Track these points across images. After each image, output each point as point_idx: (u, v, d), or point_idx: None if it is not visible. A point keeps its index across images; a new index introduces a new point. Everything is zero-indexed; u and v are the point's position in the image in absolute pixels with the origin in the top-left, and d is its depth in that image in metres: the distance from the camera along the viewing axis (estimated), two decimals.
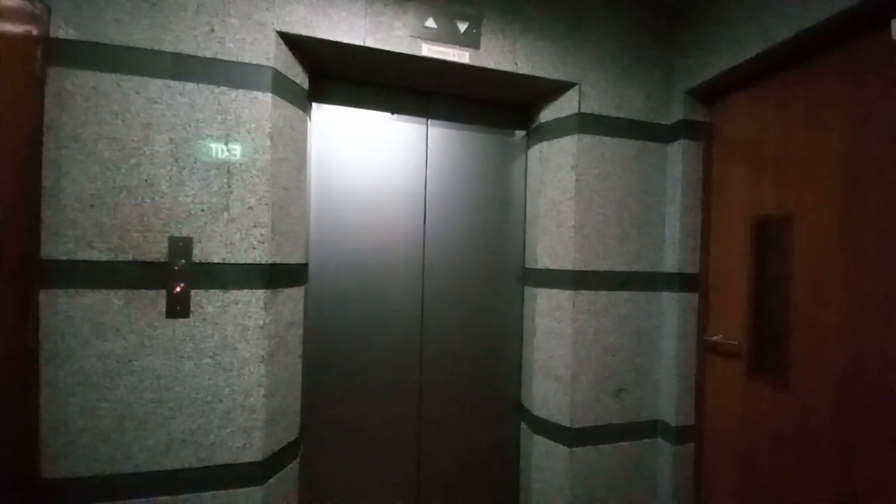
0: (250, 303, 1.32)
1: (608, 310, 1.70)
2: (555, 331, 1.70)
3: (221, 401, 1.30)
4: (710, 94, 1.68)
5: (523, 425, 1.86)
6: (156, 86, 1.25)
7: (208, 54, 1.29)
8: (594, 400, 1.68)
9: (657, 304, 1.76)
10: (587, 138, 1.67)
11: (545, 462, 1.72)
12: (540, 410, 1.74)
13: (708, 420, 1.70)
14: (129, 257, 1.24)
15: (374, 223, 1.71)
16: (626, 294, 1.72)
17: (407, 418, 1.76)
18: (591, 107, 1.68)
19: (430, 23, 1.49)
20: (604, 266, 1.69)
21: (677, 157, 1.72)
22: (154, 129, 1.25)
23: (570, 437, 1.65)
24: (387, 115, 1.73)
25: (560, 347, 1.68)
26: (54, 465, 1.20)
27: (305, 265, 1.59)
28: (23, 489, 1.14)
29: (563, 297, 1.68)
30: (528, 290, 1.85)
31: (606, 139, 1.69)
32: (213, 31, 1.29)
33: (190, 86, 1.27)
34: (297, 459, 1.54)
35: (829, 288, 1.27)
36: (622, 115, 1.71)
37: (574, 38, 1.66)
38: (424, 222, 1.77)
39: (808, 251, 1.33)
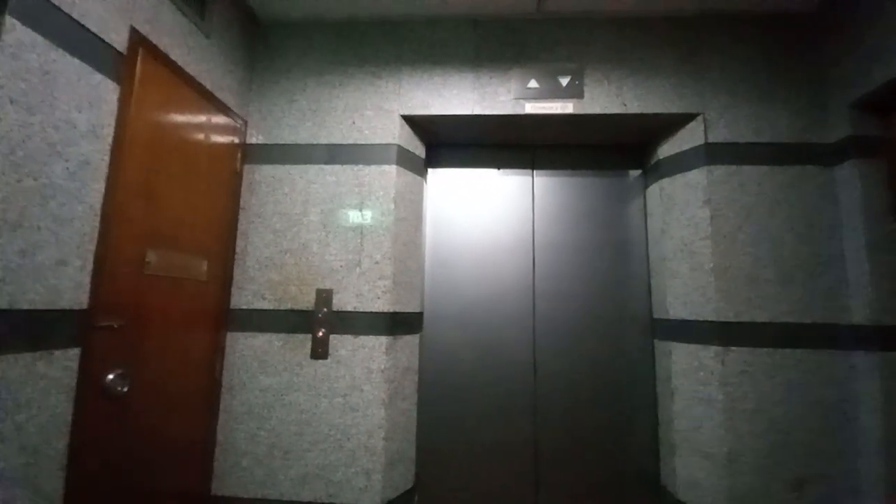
0: (374, 348, 1.46)
1: (773, 372, 1.37)
2: (699, 396, 1.42)
3: (349, 439, 1.42)
4: (885, 104, 1.35)
5: None
6: (313, 170, 1.58)
7: (350, 141, 1.59)
8: (763, 490, 1.31)
9: (846, 366, 1.35)
10: (720, 169, 1.48)
11: None
12: (687, 496, 1.42)
13: None
14: (288, 306, 1.51)
15: (483, 273, 1.75)
16: (797, 353, 1.37)
17: (523, 484, 1.62)
18: (721, 135, 1.51)
19: (533, 83, 1.58)
20: (761, 317, 1.40)
21: (852, 181, 1.39)
22: (310, 203, 1.56)
23: None
24: (493, 170, 1.84)
25: (708, 417, 1.39)
26: (221, 484, 1.43)
27: (421, 314, 1.70)
28: (197, 503, 1.38)
29: (706, 353, 1.42)
30: (660, 345, 1.62)
31: (746, 168, 1.48)
32: (354, 123, 1.60)
33: (337, 167, 1.58)
34: None
35: None
36: (763, 140, 1.49)
37: (690, 68, 1.56)
38: (533, 271, 1.74)
39: None
